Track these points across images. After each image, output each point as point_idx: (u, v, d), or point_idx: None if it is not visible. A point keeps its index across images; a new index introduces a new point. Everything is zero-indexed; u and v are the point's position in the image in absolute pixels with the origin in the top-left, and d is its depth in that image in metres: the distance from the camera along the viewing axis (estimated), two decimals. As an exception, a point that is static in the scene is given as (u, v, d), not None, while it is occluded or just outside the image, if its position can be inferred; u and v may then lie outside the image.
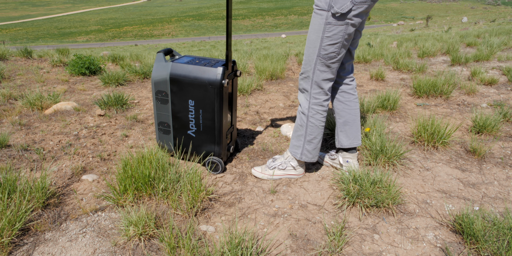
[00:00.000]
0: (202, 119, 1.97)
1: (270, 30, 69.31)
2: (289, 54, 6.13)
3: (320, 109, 1.80)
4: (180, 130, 2.05)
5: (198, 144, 2.06)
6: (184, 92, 1.92)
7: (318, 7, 1.61)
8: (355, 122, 1.93)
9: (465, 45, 6.80)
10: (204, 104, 1.92)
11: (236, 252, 1.32)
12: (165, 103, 1.99)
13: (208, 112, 1.93)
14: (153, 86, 1.97)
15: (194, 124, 2.00)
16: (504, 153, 2.24)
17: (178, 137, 2.08)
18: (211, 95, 1.88)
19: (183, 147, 2.10)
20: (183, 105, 1.96)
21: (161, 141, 2.14)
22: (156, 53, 1.94)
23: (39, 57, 5.66)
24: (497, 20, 32.29)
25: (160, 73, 1.92)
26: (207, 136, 2.01)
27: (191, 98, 1.93)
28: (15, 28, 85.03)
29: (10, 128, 2.73)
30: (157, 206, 1.72)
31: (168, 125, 2.05)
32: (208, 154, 2.07)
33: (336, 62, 1.71)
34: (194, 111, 1.96)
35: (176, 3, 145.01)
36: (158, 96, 1.99)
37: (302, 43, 21.01)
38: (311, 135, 1.85)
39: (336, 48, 1.65)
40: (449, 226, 1.58)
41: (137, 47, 31.99)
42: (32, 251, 1.44)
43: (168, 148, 2.15)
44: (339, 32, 1.60)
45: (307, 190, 1.89)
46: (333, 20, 1.58)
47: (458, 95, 3.47)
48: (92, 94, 3.77)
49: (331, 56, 1.67)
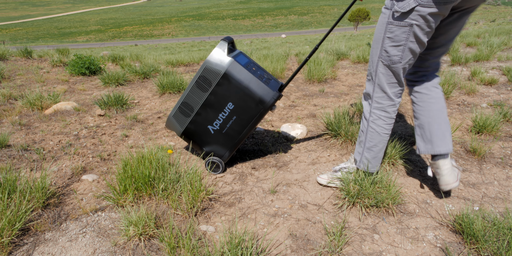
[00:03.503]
0: (231, 125, 1.95)
1: (270, 30, 69.30)
2: (289, 54, 6.13)
3: (382, 114, 1.65)
4: (201, 120, 1.97)
5: (210, 141, 2.00)
6: (229, 93, 1.88)
7: (385, 5, 1.50)
8: (431, 125, 1.69)
9: (465, 45, 6.80)
10: (241, 113, 1.91)
11: (236, 252, 1.32)
12: (203, 90, 1.89)
13: (240, 123, 1.93)
14: (201, 69, 1.86)
15: (220, 123, 1.95)
16: (504, 153, 2.24)
17: (195, 125, 1.98)
18: (254, 112, 1.90)
19: (192, 136, 2.02)
20: (220, 103, 1.90)
21: (174, 120, 2.01)
22: (221, 40, 1.88)
23: (39, 57, 5.66)
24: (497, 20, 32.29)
25: (217, 63, 1.84)
26: (224, 139, 1.98)
27: (232, 102, 1.89)
28: (15, 28, 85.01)
29: (10, 128, 2.73)
30: (157, 206, 1.72)
31: (192, 109, 1.95)
32: (200, 148, 2.04)
33: (401, 67, 1.54)
34: (228, 113, 1.92)
35: (176, 3, 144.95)
36: (200, 81, 1.88)
37: (302, 43, 21.00)
38: (371, 142, 1.70)
39: (399, 51, 1.49)
40: (449, 226, 1.58)
41: (137, 47, 31.98)
42: (32, 251, 1.44)
43: (175, 129, 2.03)
44: (402, 33, 1.45)
45: (307, 190, 1.89)
46: (394, 20, 1.44)
47: (458, 95, 3.47)
48: (92, 94, 3.77)
49: (394, 60, 1.52)
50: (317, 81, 4.16)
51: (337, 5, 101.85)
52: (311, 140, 2.51)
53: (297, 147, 2.40)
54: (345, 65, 5.17)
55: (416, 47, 1.49)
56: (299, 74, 4.60)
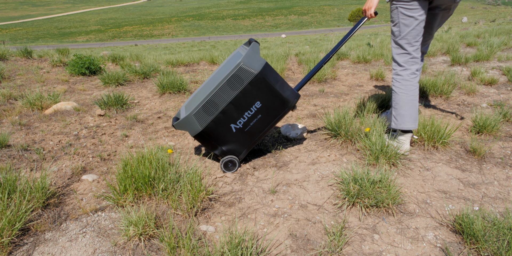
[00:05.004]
0: (254, 123, 2.01)
1: (270, 30, 69.31)
2: (289, 54, 6.13)
3: (397, 78, 2.18)
4: (224, 119, 1.96)
5: (229, 140, 2.01)
6: (259, 92, 1.94)
7: None
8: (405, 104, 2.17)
9: (465, 45, 6.80)
10: (266, 112, 2.01)
11: (236, 252, 1.32)
12: (234, 89, 1.91)
13: (263, 122, 2.02)
14: (235, 68, 1.87)
15: (243, 122, 1.99)
16: (504, 153, 2.24)
17: (217, 124, 1.96)
18: (278, 111, 2.03)
19: (210, 135, 1.99)
20: (248, 101, 1.95)
21: (194, 118, 1.94)
22: (253, 42, 1.96)
23: (39, 57, 5.66)
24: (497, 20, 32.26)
25: (252, 64, 1.89)
26: (244, 138, 2.02)
27: (260, 101, 1.97)
28: (15, 28, 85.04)
29: (10, 128, 2.73)
30: (157, 206, 1.72)
31: (217, 108, 1.93)
32: (228, 152, 2.04)
33: (404, 39, 2.10)
34: (254, 112, 1.98)
35: (176, 3, 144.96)
36: (232, 80, 1.88)
37: (302, 43, 21.00)
38: (394, 101, 2.21)
39: (397, 27, 2.10)
40: (449, 226, 1.58)
41: (137, 47, 31.99)
42: (32, 251, 1.44)
43: (192, 128, 1.96)
44: (394, 15, 2.09)
45: (307, 190, 1.89)
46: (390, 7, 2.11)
47: (458, 95, 3.47)
48: (92, 94, 3.77)
49: (396, 34, 2.13)
50: (317, 81, 4.17)
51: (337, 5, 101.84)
52: (311, 140, 2.51)
53: (297, 147, 2.40)
54: (345, 65, 5.17)
55: (409, 22, 2.04)
56: (299, 74, 4.60)
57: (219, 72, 2.19)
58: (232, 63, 2.03)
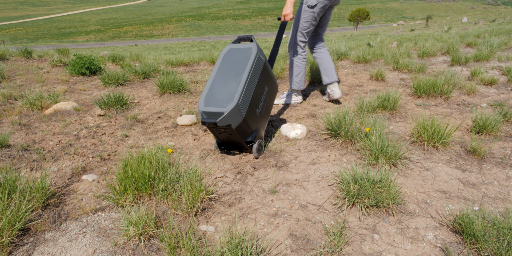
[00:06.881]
0: (266, 106, 2.32)
1: (270, 30, 69.32)
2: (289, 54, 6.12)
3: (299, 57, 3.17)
4: (254, 103, 2.16)
5: (256, 124, 2.22)
6: (266, 77, 2.28)
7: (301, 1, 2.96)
8: (328, 67, 3.22)
9: (465, 45, 6.80)
10: (271, 95, 2.38)
11: (236, 252, 1.32)
12: (255, 76, 2.17)
13: (270, 103, 2.38)
14: (253, 58, 2.15)
15: (261, 106, 2.25)
16: (504, 153, 2.24)
17: (250, 109, 2.12)
18: (275, 94, 2.44)
19: (247, 121, 2.11)
20: (262, 87, 2.25)
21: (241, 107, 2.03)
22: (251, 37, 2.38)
23: (39, 57, 5.66)
24: (497, 20, 32.27)
25: (261, 53, 2.24)
26: (262, 120, 2.29)
27: (267, 85, 2.31)
28: (15, 28, 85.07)
29: (10, 128, 2.73)
30: (157, 206, 1.72)
31: (250, 94, 2.12)
32: (257, 137, 2.23)
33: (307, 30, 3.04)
34: (265, 96, 2.29)
35: (176, 3, 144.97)
36: (255, 68, 2.16)
37: (302, 43, 20.98)
38: (295, 72, 3.21)
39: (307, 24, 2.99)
40: (449, 226, 1.58)
41: (137, 47, 31.99)
42: (32, 251, 1.44)
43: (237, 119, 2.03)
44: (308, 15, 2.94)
45: (307, 190, 1.89)
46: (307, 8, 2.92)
47: (458, 95, 3.47)
48: (92, 94, 3.78)
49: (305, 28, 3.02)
50: (317, 81, 4.16)
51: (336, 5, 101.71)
52: (311, 140, 2.51)
53: (297, 147, 2.40)
54: (345, 65, 5.17)
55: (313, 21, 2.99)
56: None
57: (227, 66, 2.22)
58: (241, 56, 2.22)
